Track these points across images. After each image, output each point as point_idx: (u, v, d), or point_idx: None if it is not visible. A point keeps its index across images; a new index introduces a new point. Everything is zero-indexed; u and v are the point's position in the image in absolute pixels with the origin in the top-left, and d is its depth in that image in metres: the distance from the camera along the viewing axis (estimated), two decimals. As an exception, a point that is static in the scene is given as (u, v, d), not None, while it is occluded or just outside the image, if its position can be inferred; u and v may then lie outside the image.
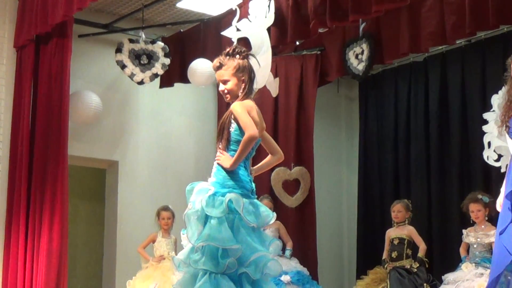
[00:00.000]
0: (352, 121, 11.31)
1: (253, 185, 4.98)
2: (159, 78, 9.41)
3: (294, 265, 8.54)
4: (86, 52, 9.40)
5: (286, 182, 9.85)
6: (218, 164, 4.90)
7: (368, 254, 9.96)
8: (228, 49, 4.98)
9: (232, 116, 4.86)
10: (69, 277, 8.22)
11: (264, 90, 8.67)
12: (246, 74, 4.93)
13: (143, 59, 9.13)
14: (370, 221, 10.34)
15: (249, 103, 4.87)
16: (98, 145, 9.49)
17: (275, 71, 9.71)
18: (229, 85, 4.93)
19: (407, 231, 8.42)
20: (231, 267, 4.64)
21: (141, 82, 9.13)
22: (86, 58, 9.42)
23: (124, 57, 9.07)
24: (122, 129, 9.73)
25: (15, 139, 8.20)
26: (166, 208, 8.58)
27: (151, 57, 9.15)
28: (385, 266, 8.30)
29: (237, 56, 4.93)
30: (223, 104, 10.18)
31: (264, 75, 8.22)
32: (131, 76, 9.09)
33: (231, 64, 4.92)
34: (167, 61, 9.17)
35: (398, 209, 8.54)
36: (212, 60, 9.19)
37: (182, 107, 10.25)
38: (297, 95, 10.06)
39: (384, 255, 8.46)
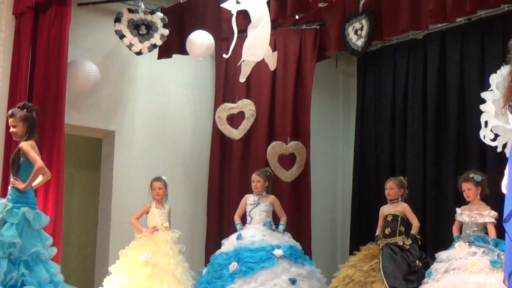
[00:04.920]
0: (350, 96, 11.31)
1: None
2: (157, 48, 9.39)
3: (287, 239, 8.55)
4: (85, 21, 9.37)
5: (282, 156, 9.87)
6: (13, 186, 6.79)
7: (362, 230, 9.99)
8: (19, 104, 7.03)
9: (21, 152, 6.82)
10: (63, 246, 8.26)
11: (262, 63, 8.67)
12: (28, 123, 6.89)
13: (142, 29, 9.10)
14: (364, 197, 10.35)
15: (33, 143, 6.89)
16: (95, 115, 9.49)
17: (274, 45, 9.70)
18: (17, 129, 6.90)
19: (401, 208, 8.45)
20: (14, 254, 6.56)
21: (139, 53, 9.11)
22: (85, 27, 9.39)
23: (123, 27, 9.05)
24: (120, 99, 9.72)
25: (13, 106, 8.14)
26: (158, 179, 8.60)
27: (150, 28, 9.12)
28: (378, 242, 8.33)
29: (25, 110, 6.90)
30: (221, 76, 10.20)
31: (262, 48, 8.21)
32: (130, 46, 9.06)
33: (20, 114, 6.90)
34: (166, 32, 9.14)
35: (390, 186, 8.57)
36: (211, 32, 9.32)
37: (180, 78, 10.24)
38: (295, 69, 10.05)
39: (378, 232, 8.49)
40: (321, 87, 10.82)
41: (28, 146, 6.83)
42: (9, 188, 6.87)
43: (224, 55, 8.55)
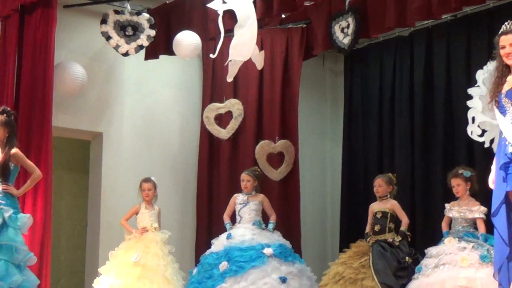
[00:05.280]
0: (337, 94, 11.32)
1: None
2: (144, 49, 9.37)
3: (277, 238, 8.56)
4: (71, 23, 9.34)
5: (270, 155, 9.88)
6: (7, 192, 6.91)
7: (351, 228, 9.99)
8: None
9: (12, 158, 6.99)
10: (52, 248, 8.22)
11: (249, 62, 8.67)
12: (9, 128, 7.06)
13: (128, 30, 9.09)
14: (353, 194, 10.37)
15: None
16: (82, 117, 9.46)
17: (261, 44, 9.70)
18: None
19: (390, 205, 8.47)
20: (21, 260, 6.81)
21: (126, 54, 9.10)
22: (71, 29, 9.36)
23: (109, 28, 9.03)
24: (107, 100, 9.70)
25: (0, 110, 8.16)
26: (147, 180, 8.60)
27: (136, 29, 9.11)
28: (368, 239, 8.36)
29: (4, 115, 7.04)
30: (208, 76, 10.20)
31: (249, 48, 8.20)
32: (116, 47, 9.05)
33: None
34: (153, 32, 9.13)
35: (378, 184, 8.59)
36: (198, 32, 9.31)
37: (167, 79, 10.22)
38: (282, 68, 10.06)
39: (367, 229, 8.51)
40: (308, 86, 10.84)
41: (21, 153, 7.11)
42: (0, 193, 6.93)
43: (211, 55, 8.53)
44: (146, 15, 9.17)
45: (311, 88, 11.06)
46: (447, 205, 7.94)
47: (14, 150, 7.06)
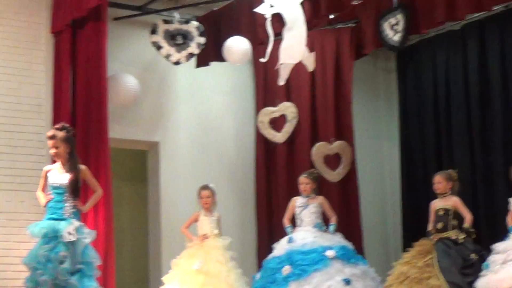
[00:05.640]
0: (391, 93, 11.22)
1: None
2: (195, 57, 9.40)
3: (338, 240, 8.49)
4: (122, 35, 9.41)
5: (327, 157, 9.85)
6: (78, 208, 7.13)
7: (413, 227, 9.88)
8: (57, 126, 7.25)
9: (81, 175, 7.18)
10: (116, 259, 8.28)
11: (300, 65, 8.63)
12: (70, 143, 7.17)
13: (178, 39, 9.14)
14: (413, 193, 10.27)
15: None
16: (138, 127, 9.53)
17: (311, 46, 9.64)
18: (59, 150, 7.13)
19: (452, 201, 8.32)
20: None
21: (177, 63, 9.15)
22: (122, 40, 9.44)
23: (160, 38, 9.10)
24: (161, 110, 9.75)
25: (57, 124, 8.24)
26: (205, 187, 8.60)
27: (186, 37, 9.16)
28: (431, 237, 8.24)
29: (64, 131, 7.14)
30: (260, 81, 10.20)
31: (299, 50, 8.19)
32: (167, 56, 9.11)
33: (60, 135, 7.14)
34: (202, 40, 9.16)
35: (437, 181, 8.46)
36: (247, 37, 9.34)
37: (220, 85, 10.24)
38: (334, 69, 10.04)
39: (430, 227, 8.37)
40: (361, 85, 10.77)
41: (89, 171, 7.36)
42: (69, 209, 7.06)
43: (261, 60, 8.54)
44: (195, 23, 9.22)
45: (364, 87, 10.99)
46: (510, 200, 7.80)
47: (84, 167, 7.25)
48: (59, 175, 7.14)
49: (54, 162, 7.43)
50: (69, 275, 6.76)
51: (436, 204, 8.41)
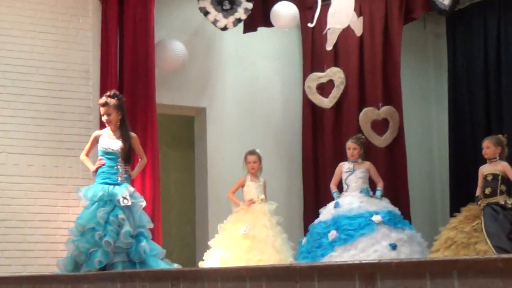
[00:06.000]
0: (440, 57, 11.08)
1: None
2: (242, 23, 9.38)
3: (385, 205, 8.46)
4: (169, 1, 9.44)
5: (374, 122, 9.79)
6: (129, 174, 7.27)
7: (461, 192, 9.78)
8: (109, 93, 7.27)
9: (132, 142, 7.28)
10: (163, 223, 8.38)
11: (348, 29, 8.57)
12: (122, 111, 7.24)
13: (225, 4, 9.11)
14: (462, 158, 10.16)
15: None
16: (185, 93, 9.58)
17: (359, 10, 9.57)
18: (111, 117, 7.20)
19: (501, 166, 8.20)
20: None
21: (224, 28, 9.14)
22: (169, 6, 9.46)
23: (207, 3, 9.07)
24: (208, 75, 9.78)
25: (104, 90, 8.29)
26: (252, 152, 8.61)
27: (234, 2, 9.12)
28: (479, 202, 8.15)
29: (115, 98, 7.20)
30: (307, 46, 10.14)
31: (347, 15, 8.13)
32: (214, 22, 9.10)
33: (113, 102, 7.21)
34: (250, 5, 9.13)
35: (486, 145, 8.32)
36: (295, 2, 9.26)
37: (267, 51, 10.22)
38: (382, 33, 9.93)
39: (478, 192, 8.27)
40: (410, 50, 10.65)
41: (138, 139, 7.44)
42: (122, 174, 7.14)
43: (309, 24, 8.49)
44: (242, -12, 9.18)
45: (413, 52, 10.87)
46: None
47: (134, 135, 7.36)
48: (110, 141, 7.19)
49: (102, 128, 7.51)
50: (131, 238, 6.84)
51: (485, 169, 8.29)
